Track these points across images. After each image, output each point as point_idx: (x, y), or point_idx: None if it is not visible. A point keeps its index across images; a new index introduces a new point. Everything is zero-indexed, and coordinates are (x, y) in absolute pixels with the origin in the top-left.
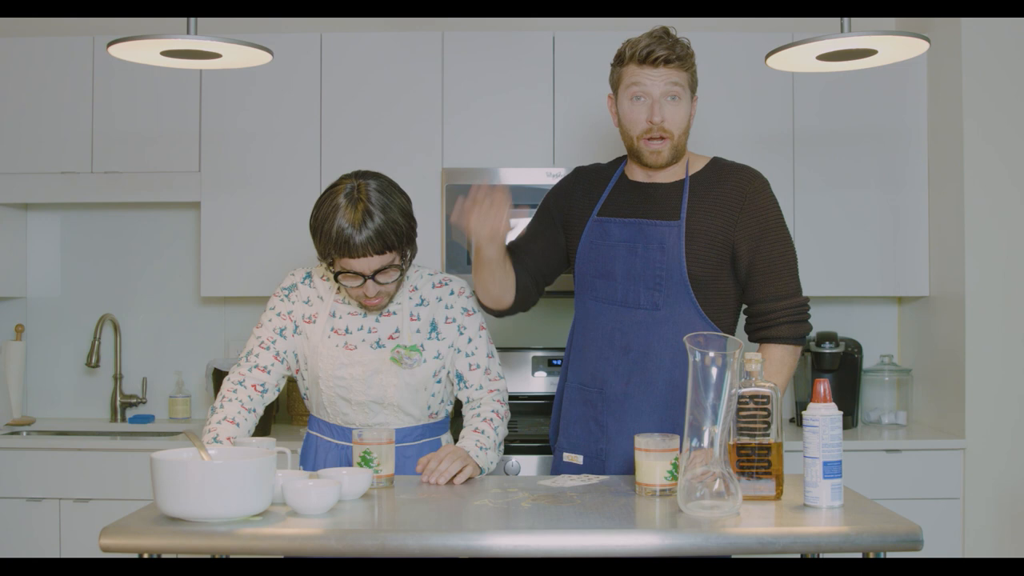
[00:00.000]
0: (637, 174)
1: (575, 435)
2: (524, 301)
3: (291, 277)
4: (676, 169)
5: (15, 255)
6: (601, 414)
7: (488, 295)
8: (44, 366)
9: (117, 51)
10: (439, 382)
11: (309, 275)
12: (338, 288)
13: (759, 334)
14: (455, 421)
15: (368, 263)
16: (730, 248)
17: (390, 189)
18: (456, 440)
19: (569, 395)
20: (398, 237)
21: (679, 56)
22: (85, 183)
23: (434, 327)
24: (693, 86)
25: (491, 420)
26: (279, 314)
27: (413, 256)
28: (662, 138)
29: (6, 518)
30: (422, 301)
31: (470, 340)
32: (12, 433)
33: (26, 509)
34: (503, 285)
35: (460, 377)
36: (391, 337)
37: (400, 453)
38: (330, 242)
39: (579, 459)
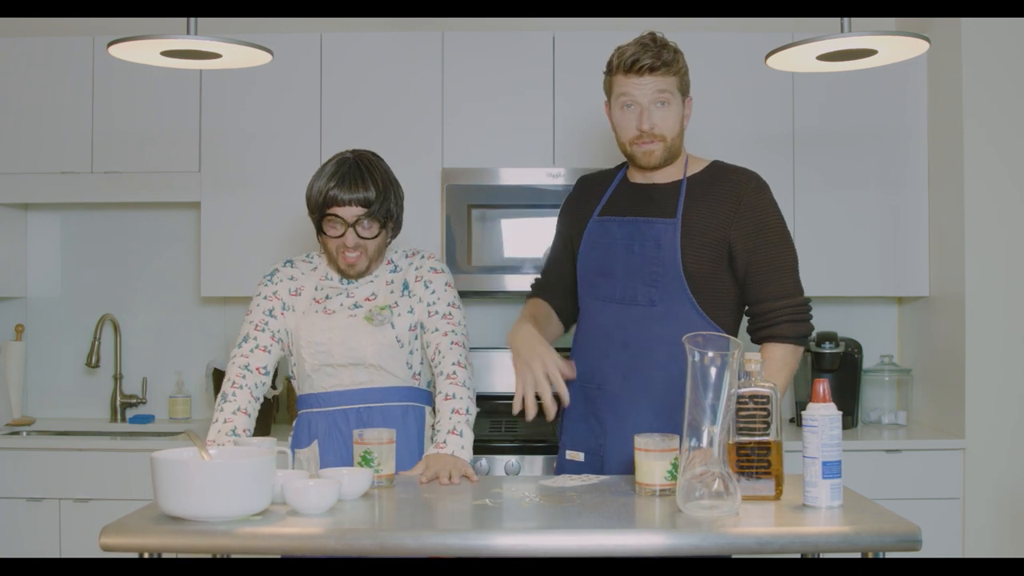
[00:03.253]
0: (636, 176)
1: (576, 432)
2: (568, 324)
3: (273, 266)
4: (674, 170)
5: (15, 255)
6: (600, 410)
7: None
8: (44, 366)
9: (117, 51)
10: (416, 338)
11: (291, 261)
12: (323, 262)
13: (760, 334)
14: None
15: (351, 211)
16: (726, 247)
17: (380, 159)
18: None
19: (572, 393)
20: (383, 185)
21: (665, 63)
22: (85, 183)
23: (406, 286)
24: (684, 88)
25: (454, 374)
26: (265, 297)
27: (396, 228)
28: (655, 141)
29: (6, 518)
30: (395, 268)
31: (433, 292)
32: (12, 433)
33: (26, 509)
34: (555, 334)
35: (420, 325)
36: (367, 299)
37: (386, 413)
38: (321, 192)
39: (580, 456)
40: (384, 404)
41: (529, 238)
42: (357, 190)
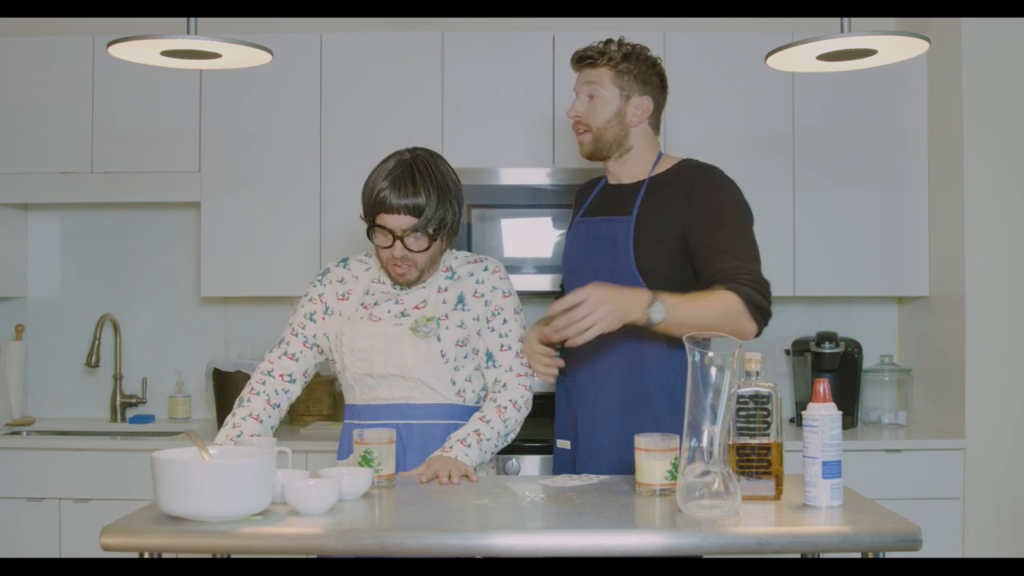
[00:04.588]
0: (611, 178)
1: (563, 422)
2: None
3: (328, 264)
4: (640, 170)
5: (15, 255)
6: (574, 401)
7: None
8: (44, 366)
9: (117, 51)
10: (465, 357)
11: (345, 260)
12: (377, 264)
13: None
14: None
15: (399, 220)
16: (681, 242)
17: (440, 161)
18: None
19: (559, 385)
20: (438, 192)
21: (600, 53)
22: (85, 183)
23: (461, 299)
24: (628, 86)
25: (504, 408)
26: (311, 299)
27: (450, 238)
28: (585, 131)
29: (6, 518)
30: (452, 275)
31: (505, 321)
32: (12, 433)
33: (26, 509)
34: None
35: (489, 356)
36: (417, 307)
37: (426, 431)
38: (372, 195)
39: (568, 444)
40: (425, 421)
41: (529, 238)
42: (407, 195)
